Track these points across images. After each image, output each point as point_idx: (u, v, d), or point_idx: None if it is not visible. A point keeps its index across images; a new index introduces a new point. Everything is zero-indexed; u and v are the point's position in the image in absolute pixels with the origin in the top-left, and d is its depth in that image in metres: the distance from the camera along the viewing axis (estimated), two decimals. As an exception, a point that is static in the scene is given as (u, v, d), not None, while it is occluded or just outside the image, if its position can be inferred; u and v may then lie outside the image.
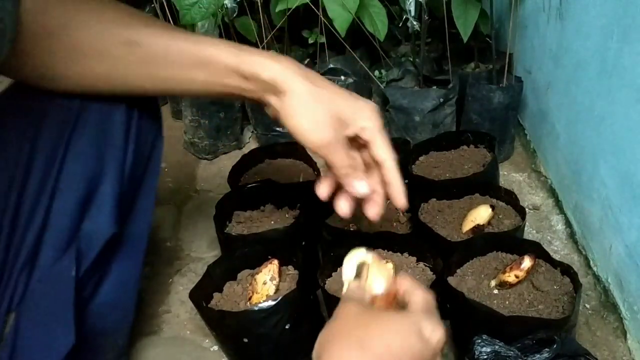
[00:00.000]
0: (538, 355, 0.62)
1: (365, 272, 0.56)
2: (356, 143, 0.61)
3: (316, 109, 0.56)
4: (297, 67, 0.58)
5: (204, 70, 0.58)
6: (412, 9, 1.10)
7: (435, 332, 0.47)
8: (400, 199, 0.60)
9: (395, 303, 0.54)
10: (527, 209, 0.95)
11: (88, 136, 0.62)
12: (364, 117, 0.58)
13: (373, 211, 0.63)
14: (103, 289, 0.68)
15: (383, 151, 0.59)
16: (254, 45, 1.28)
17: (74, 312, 0.60)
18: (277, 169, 1.09)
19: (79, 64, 0.58)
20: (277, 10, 1.19)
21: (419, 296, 0.53)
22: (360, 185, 0.59)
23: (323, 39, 1.24)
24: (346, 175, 0.59)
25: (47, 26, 0.56)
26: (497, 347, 0.64)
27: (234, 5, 1.16)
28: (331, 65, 1.27)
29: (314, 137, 0.57)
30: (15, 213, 0.60)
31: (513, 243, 0.82)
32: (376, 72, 1.31)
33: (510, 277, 0.74)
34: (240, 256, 0.85)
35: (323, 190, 0.62)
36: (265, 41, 1.24)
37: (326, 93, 0.57)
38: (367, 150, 0.60)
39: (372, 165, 0.62)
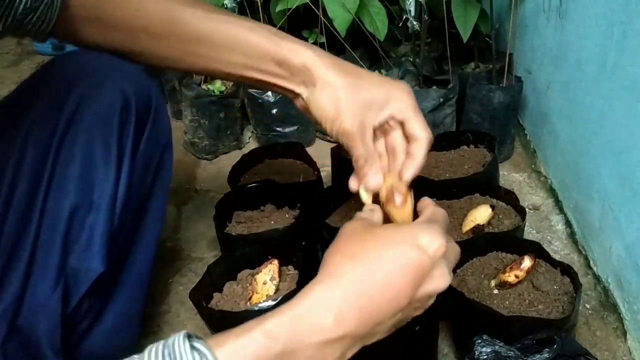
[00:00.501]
0: (538, 356, 0.62)
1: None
2: (386, 128, 0.60)
3: (344, 98, 0.56)
4: (329, 56, 0.58)
5: (239, 53, 0.58)
6: (412, 9, 1.10)
7: (433, 242, 0.46)
8: (410, 172, 0.59)
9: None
10: (527, 209, 0.95)
11: (73, 159, 0.58)
12: (397, 99, 0.58)
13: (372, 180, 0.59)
14: (99, 327, 0.65)
15: (418, 128, 0.58)
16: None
17: (62, 353, 0.58)
18: (277, 169, 1.09)
19: (121, 36, 0.59)
20: (277, 10, 1.19)
21: (429, 209, 0.53)
22: (372, 179, 0.58)
23: (323, 39, 1.24)
24: (361, 166, 0.58)
25: None
26: (497, 347, 0.64)
27: (234, 5, 1.16)
28: (331, 65, 1.27)
29: (337, 126, 0.57)
30: None
31: (513, 243, 0.82)
32: (376, 72, 1.31)
33: (510, 277, 0.74)
34: (240, 256, 0.85)
35: (353, 184, 0.61)
36: (265, 41, 1.24)
37: (357, 82, 0.57)
38: (393, 133, 0.60)
39: (397, 150, 0.61)
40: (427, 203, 0.55)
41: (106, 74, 0.61)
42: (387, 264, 0.44)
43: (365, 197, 0.60)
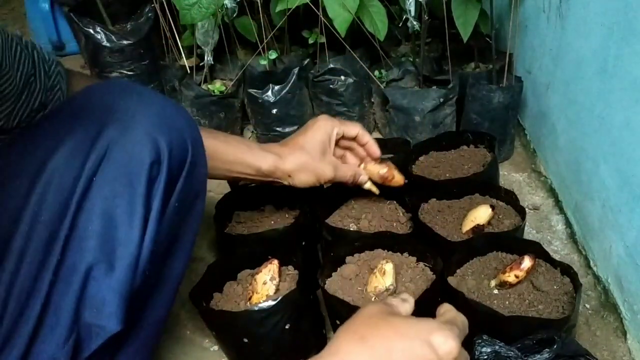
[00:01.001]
0: (538, 356, 0.62)
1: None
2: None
3: (313, 165, 0.79)
4: (287, 147, 0.79)
5: (219, 160, 0.73)
6: (412, 8, 1.10)
7: (445, 343, 0.47)
8: (375, 150, 0.86)
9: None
10: (527, 209, 0.95)
11: (95, 215, 0.53)
12: (328, 128, 0.81)
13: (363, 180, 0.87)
14: None
15: (352, 130, 0.83)
16: (254, 45, 1.28)
17: None
18: (277, 169, 1.09)
19: None
20: (277, 10, 1.19)
21: (450, 313, 0.54)
22: (362, 178, 0.86)
23: (323, 39, 1.24)
24: (351, 181, 0.86)
25: None
26: (497, 347, 0.64)
27: (234, 5, 1.16)
28: (331, 65, 1.27)
29: (323, 180, 0.81)
30: (4, 307, 0.51)
31: (513, 243, 0.82)
32: (376, 72, 1.31)
33: (510, 277, 0.74)
34: (240, 256, 0.85)
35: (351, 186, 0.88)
36: (265, 41, 1.24)
37: (306, 147, 0.79)
38: (341, 142, 0.85)
39: (354, 147, 0.87)
40: (448, 308, 0.57)
41: (136, 117, 0.55)
42: (395, 355, 0.45)
43: (368, 186, 0.88)
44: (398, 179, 0.88)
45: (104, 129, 0.54)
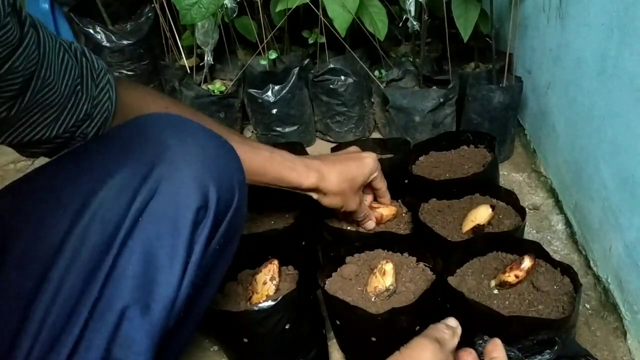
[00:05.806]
0: (539, 357, 0.62)
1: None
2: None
3: (347, 196, 0.82)
4: (332, 165, 0.79)
5: (259, 175, 0.73)
6: (412, 8, 1.10)
7: None
8: (387, 202, 0.92)
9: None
10: (527, 209, 0.95)
11: (135, 255, 0.51)
12: (373, 170, 0.84)
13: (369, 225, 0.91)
14: None
15: (379, 183, 0.88)
16: (254, 45, 1.28)
17: None
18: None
19: None
20: (277, 10, 1.19)
21: None
22: (369, 224, 0.90)
23: (323, 39, 1.24)
24: (362, 220, 0.90)
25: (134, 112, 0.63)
26: (497, 347, 0.64)
27: (234, 5, 1.16)
28: (331, 65, 1.27)
29: (346, 209, 0.84)
30: (35, 338, 0.49)
31: (513, 243, 0.82)
32: (376, 72, 1.31)
33: (510, 277, 0.74)
34: (240, 256, 0.85)
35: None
36: (265, 41, 1.24)
37: (350, 176, 0.81)
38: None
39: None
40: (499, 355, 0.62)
41: (188, 159, 0.54)
42: None
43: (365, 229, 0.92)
44: (388, 213, 0.91)
45: (155, 168, 0.53)
